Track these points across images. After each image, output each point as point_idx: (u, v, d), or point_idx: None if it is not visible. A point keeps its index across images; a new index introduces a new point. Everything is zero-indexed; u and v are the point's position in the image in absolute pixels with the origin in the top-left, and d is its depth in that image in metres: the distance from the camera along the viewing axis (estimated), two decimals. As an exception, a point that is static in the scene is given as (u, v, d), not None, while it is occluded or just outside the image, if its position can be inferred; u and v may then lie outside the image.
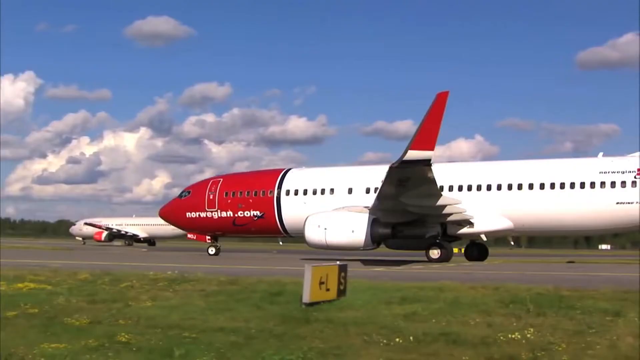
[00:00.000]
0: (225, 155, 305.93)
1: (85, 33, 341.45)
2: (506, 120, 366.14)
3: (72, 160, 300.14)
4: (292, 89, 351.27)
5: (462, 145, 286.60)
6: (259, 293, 22.77)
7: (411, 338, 15.67)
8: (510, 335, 15.63)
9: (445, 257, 51.36)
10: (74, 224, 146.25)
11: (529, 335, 15.65)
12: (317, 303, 19.81)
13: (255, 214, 60.45)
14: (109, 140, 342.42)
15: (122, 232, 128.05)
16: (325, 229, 50.95)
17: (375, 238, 50.82)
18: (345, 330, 16.72)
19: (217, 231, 63.45)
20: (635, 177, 49.53)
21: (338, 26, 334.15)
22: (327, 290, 20.48)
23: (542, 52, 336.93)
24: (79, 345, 15.18)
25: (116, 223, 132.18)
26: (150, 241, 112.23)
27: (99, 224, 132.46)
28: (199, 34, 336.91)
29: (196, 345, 15.11)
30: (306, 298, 19.68)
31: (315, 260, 41.66)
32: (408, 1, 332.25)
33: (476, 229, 53.03)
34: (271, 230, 61.63)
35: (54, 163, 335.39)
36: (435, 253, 51.36)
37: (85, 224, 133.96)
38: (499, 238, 59.67)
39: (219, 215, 61.77)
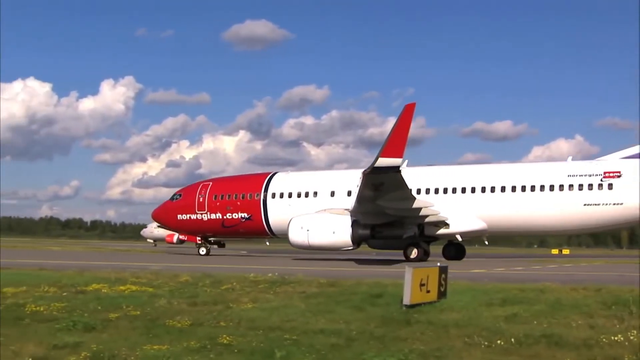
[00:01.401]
0: (324, 158, 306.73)
1: (183, 38, 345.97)
2: (606, 119, 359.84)
3: (172, 164, 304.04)
4: (390, 90, 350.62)
5: (562, 145, 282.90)
6: (359, 295, 22.79)
7: (512, 340, 15.60)
8: (612, 337, 15.45)
9: (422, 257, 53.78)
10: (146, 227, 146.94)
11: (632, 337, 15.45)
12: (418, 305, 19.82)
13: (243, 216, 63.01)
14: (209, 143, 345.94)
15: None
16: (308, 230, 53.74)
17: (355, 239, 53.36)
18: (446, 332, 16.71)
19: (207, 232, 66.18)
20: (601, 180, 52.22)
21: (436, 27, 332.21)
22: (428, 292, 20.47)
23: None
24: (180, 347, 15.42)
25: None
26: (220, 243, 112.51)
27: None
28: (297, 37, 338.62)
29: (297, 347, 15.23)
30: (407, 300, 19.67)
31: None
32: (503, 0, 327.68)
33: (452, 229, 55.35)
34: (258, 231, 64.05)
35: (153, 167, 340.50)
36: (413, 252, 53.88)
37: (158, 226, 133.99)
38: (474, 238, 61.16)
39: (209, 217, 64.32)
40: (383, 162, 45.51)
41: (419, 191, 54.90)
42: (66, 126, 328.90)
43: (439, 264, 21.86)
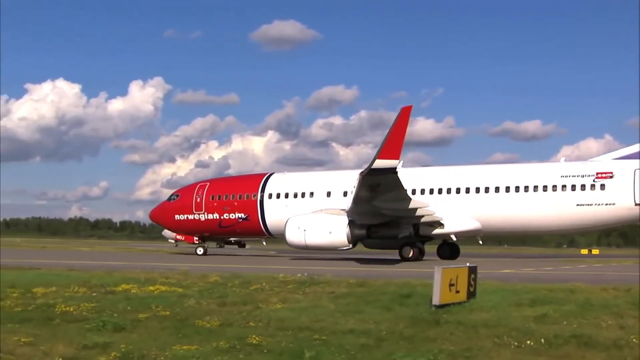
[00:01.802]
0: (353, 158, 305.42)
1: (212, 39, 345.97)
2: (635, 118, 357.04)
3: (201, 164, 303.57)
4: (419, 90, 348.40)
5: (591, 145, 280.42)
6: (388, 295, 22.77)
7: (542, 340, 15.54)
8: (643, 338, 15.41)
9: (417, 256, 54.80)
10: None
11: (662, 338, 15.39)
12: (447, 305, 19.79)
13: (240, 217, 63.65)
14: (237, 144, 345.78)
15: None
16: (304, 230, 54.35)
17: (351, 239, 54.02)
18: (476, 332, 16.67)
19: (204, 232, 66.75)
20: (594, 181, 53.18)
21: (465, 26, 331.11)
22: (457, 292, 20.44)
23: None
24: (210, 347, 15.42)
25: None
26: (241, 243, 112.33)
27: None
28: (325, 37, 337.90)
29: (326, 348, 15.22)
30: (436, 300, 19.65)
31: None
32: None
33: (446, 229, 55.99)
34: (255, 231, 65.00)
35: (182, 167, 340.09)
36: (408, 252, 54.50)
37: None
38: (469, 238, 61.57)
39: (206, 218, 65.04)
40: (380, 163, 46.52)
41: (414, 191, 55.67)
42: (95, 127, 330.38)
43: (468, 264, 21.81)
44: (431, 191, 56.70)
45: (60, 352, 15.17)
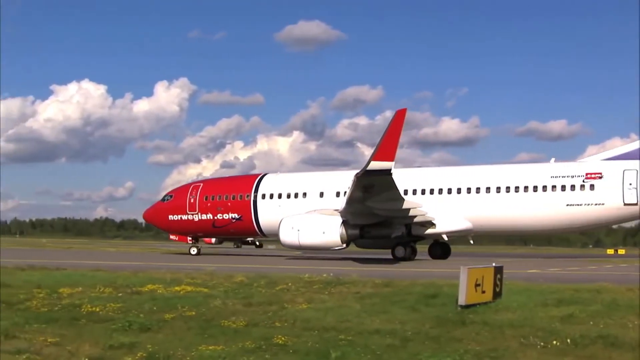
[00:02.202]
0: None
1: (236, 39, 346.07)
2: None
3: (226, 165, 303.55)
4: (444, 90, 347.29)
5: (617, 144, 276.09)
6: (414, 295, 22.76)
7: (568, 341, 15.51)
8: (670, 338, 15.34)
9: (410, 256, 55.49)
10: None
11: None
12: (473, 305, 19.76)
13: (233, 217, 63.97)
14: (263, 144, 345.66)
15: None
16: (298, 230, 54.85)
17: (344, 239, 54.41)
18: (501, 332, 16.64)
19: (198, 233, 67.11)
20: (583, 181, 53.71)
21: (489, 26, 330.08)
22: (483, 292, 20.40)
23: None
24: (236, 348, 15.49)
25: None
26: (257, 243, 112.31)
27: None
28: (350, 37, 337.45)
29: (352, 348, 15.24)
30: (462, 300, 19.62)
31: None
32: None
33: (438, 229, 56.39)
34: (248, 231, 65.99)
35: (208, 167, 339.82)
36: (400, 252, 55.03)
37: None
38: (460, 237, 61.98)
39: (200, 218, 65.14)
40: (375, 165, 47.28)
41: (405, 192, 55.89)
42: (121, 128, 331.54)
43: (494, 264, 21.77)
44: (423, 192, 57.41)
45: (86, 352, 15.27)
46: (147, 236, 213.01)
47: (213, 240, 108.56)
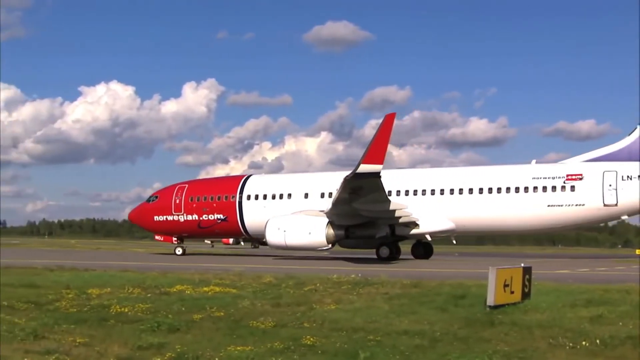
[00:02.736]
0: (406, 159, 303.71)
1: (264, 40, 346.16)
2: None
3: (254, 165, 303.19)
4: (472, 90, 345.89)
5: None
6: (442, 296, 22.73)
7: (597, 341, 15.45)
8: (701, 339, 15.24)
9: (394, 255, 56.24)
10: None
11: None
12: (502, 306, 19.71)
13: (218, 217, 64.66)
14: (291, 145, 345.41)
15: None
16: (284, 231, 55.38)
17: (330, 239, 54.94)
18: (530, 333, 16.60)
19: (183, 233, 67.33)
20: (564, 183, 54.77)
21: (517, 26, 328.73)
22: (512, 292, 20.35)
23: None
24: (264, 348, 15.52)
25: None
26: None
27: None
28: (378, 38, 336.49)
29: (381, 348, 15.24)
30: (491, 300, 19.59)
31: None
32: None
33: (421, 229, 57.13)
34: (234, 232, 67.11)
35: (236, 168, 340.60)
36: (384, 252, 55.90)
37: None
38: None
39: (185, 219, 65.82)
40: (364, 168, 48.21)
41: (389, 193, 56.39)
42: (149, 129, 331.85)
43: (522, 265, 21.70)
44: (407, 192, 58.17)
45: (115, 353, 15.35)
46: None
47: (231, 240, 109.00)
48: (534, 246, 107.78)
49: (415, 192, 57.92)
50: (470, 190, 56.78)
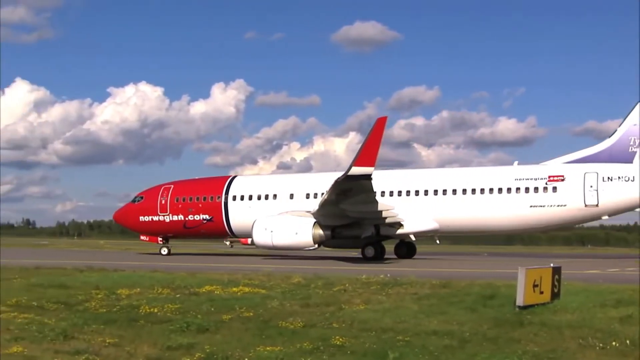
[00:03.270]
0: (435, 159, 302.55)
1: (293, 40, 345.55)
2: None
3: (283, 166, 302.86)
4: (500, 90, 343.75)
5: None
6: (472, 296, 22.69)
7: (627, 342, 15.40)
8: None
9: (379, 255, 56.76)
10: None
11: None
12: (531, 306, 19.65)
13: (204, 218, 65.09)
14: (319, 145, 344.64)
15: None
16: (271, 231, 55.86)
17: (316, 239, 55.44)
18: (560, 333, 16.55)
19: (169, 233, 67.55)
20: (546, 184, 55.70)
21: (546, 25, 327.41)
22: (541, 293, 20.29)
23: None
24: (293, 349, 15.56)
25: None
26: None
27: None
28: (406, 38, 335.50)
29: (410, 349, 15.24)
30: (520, 301, 19.54)
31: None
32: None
33: (406, 229, 57.63)
34: (219, 232, 67.43)
35: (264, 169, 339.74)
36: (370, 252, 56.30)
37: None
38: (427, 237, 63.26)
39: (171, 219, 66.07)
40: (356, 170, 48.82)
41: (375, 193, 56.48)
42: (177, 130, 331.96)
43: (552, 265, 21.63)
44: (391, 193, 58.61)
45: (144, 353, 15.43)
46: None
47: (249, 240, 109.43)
48: (562, 246, 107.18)
49: (399, 193, 58.60)
50: (454, 191, 57.54)
